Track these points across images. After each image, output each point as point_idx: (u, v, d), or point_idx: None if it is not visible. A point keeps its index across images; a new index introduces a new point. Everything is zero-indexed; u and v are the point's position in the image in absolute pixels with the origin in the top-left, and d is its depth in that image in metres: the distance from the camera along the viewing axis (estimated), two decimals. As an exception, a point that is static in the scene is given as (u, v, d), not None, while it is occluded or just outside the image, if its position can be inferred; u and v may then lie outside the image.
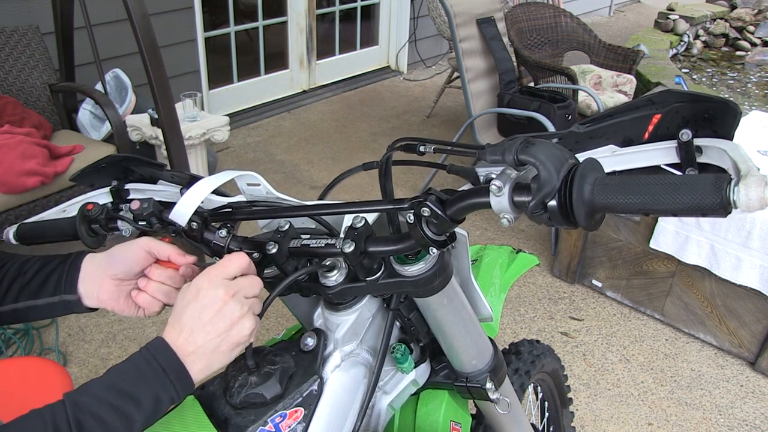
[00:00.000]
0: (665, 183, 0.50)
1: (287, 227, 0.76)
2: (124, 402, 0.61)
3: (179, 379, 0.65)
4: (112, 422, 0.60)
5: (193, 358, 0.66)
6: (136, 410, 0.61)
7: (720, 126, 0.61)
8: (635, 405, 2.09)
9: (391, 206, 0.67)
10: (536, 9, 3.58)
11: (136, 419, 0.61)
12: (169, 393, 0.64)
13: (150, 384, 0.63)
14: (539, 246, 2.94)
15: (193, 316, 0.67)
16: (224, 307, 0.67)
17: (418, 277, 0.70)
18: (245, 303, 0.68)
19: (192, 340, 0.66)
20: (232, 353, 0.68)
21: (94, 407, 0.60)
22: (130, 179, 0.92)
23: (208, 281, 0.68)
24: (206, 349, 0.66)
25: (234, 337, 0.67)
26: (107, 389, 0.62)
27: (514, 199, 0.57)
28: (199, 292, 0.68)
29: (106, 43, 3.03)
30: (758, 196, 0.46)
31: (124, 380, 0.62)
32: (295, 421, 0.72)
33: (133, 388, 0.62)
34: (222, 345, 0.67)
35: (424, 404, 0.98)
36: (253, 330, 0.69)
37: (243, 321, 0.67)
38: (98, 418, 0.59)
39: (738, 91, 4.96)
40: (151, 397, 0.62)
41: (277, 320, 2.41)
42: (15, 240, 0.92)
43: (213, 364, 0.67)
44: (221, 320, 0.66)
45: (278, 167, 3.60)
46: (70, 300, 0.85)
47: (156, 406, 0.63)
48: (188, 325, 0.67)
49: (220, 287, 0.67)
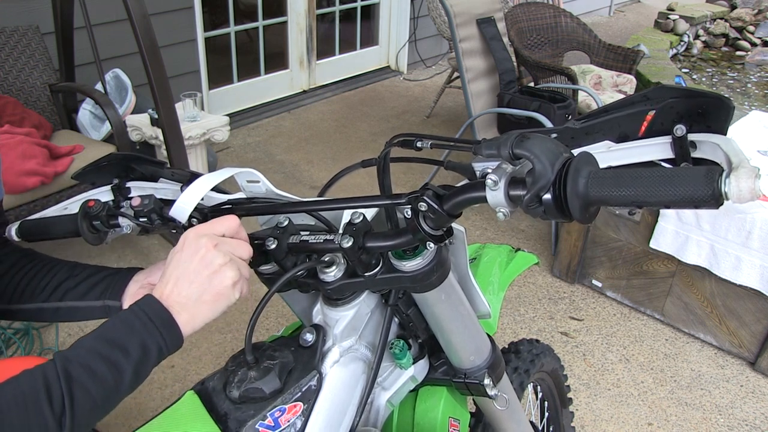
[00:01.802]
0: (658, 175, 0.51)
1: (286, 223, 0.77)
2: (111, 351, 0.62)
3: (165, 326, 0.66)
4: (100, 370, 0.61)
5: (178, 308, 0.67)
6: (123, 358, 0.62)
7: (714, 121, 0.62)
8: (635, 405, 2.09)
9: (389, 201, 0.68)
10: (536, 9, 3.58)
11: (124, 367, 0.62)
12: (156, 340, 0.65)
13: (137, 333, 0.64)
14: (539, 246, 2.94)
15: (177, 266, 0.69)
16: (206, 254, 0.68)
17: (416, 273, 0.71)
18: (228, 255, 0.69)
19: (177, 290, 0.68)
20: (215, 305, 0.69)
21: (82, 358, 0.61)
22: (131, 177, 0.93)
23: (194, 233, 0.70)
24: (190, 299, 0.67)
25: (216, 285, 0.68)
26: (94, 340, 0.63)
27: (510, 193, 0.58)
28: (184, 243, 0.70)
29: (106, 43, 3.04)
30: (749, 187, 0.47)
31: (111, 331, 0.64)
32: (294, 416, 0.73)
33: (120, 338, 0.63)
34: (204, 294, 0.68)
35: (422, 401, 0.98)
36: (236, 282, 0.69)
37: (224, 270, 0.68)
38: (86, 367, 0.60)
39: (738, 91, 4.96)
40: (139, 344, 0.63)
41: (277, 320, 2.41)
42: (17, 237, 0.93)
43: (197, 315, 0.68)
44: (203, 268, 0.68)
45: (278, 167, 3.60)
46: (112, 305, 0.88)
47: (144, 354, 0.64)
48: (173, 275, 0.68)
49: (203, 237, 0.69)
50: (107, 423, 1.94)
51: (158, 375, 2.13)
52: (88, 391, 0.60)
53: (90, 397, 0.60)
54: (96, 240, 0.87)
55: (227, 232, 0.72)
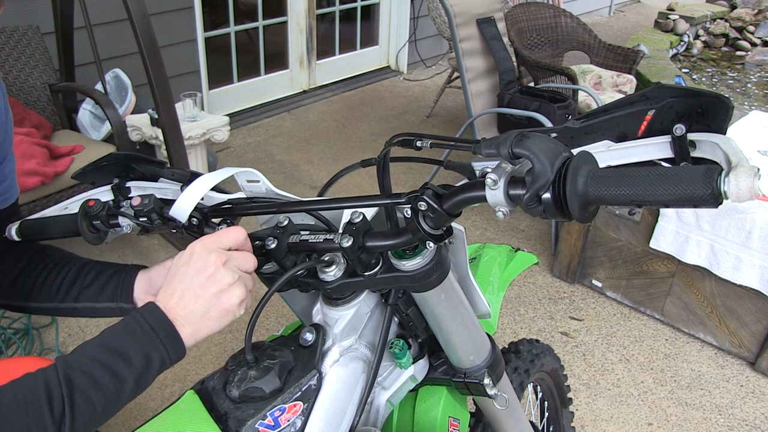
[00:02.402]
0: (657, 174, 0.51)
1: (286, 223, 0.77)
2: (114, 360, 0.62)
3: (169, 338, 0.65)
4: (102, 379, 0.60)
5: (183, 322, 0.67)
6: (126, 368, 0.62)
7: (713, 120, 0.62)
8: (635, 405, 2.09)
9: (389, 201, 0.68)
10: (536, 9, 3.58)
11: (126, 377, 0.62)
12: (159, 352, 0.64)
13: (140, 342, 0.64)
14: (539, 246, 2.94)
15: (184, 280, 0.68)
16: (216, 273, 0.68)
17: (416, 272, 0.71)
18: (236, 272, 0.69)
19: (182, 303, 0.67)
20: (220, 321, 0.69)
21: (84, 365, 0.61)
22: (131, 177, 0.93)
23: (201, 247, 0.69)
24: (195, 314, 0.67)
25: (224, 303, 0.68)
26: (97, 347, 0.63)
27: (510, 192, 0.58)
28: (192, 257, 0.69)
29: (106, 43, 3.04)
30: (747, 186, 0.47)
31: (114, 339, 0.63)
32: (294, 415, 0.73)
33: (123, 347, 0.63)
34: (211, 311, 0.68)
35: (422, 400, 0.98)
36: (243, 300, 0.69)
37: (233, 289, 0.68)
38: (88, 374, 0.60)
39: (738, 91, 4.96)
40: (142, 355, 0.63)
41: (277, 320, 2.41)
42: (17, 236, 0.92)
43: (201, 329, 0.68)
44: (212, 285, 0.67)
45: (278, 167, 3.60)
46: (127, 308, 0.89)
47: (146, 365, 0.63)
48: (179, 288, 0.68)
49: (212, 253, 0.69)
50: (107, 423, 1.94)
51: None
52: (89, 399, 0.60)
53: (90, 405, 0.60)
54: (96, 240, 0.87)
55: (234, 244, 0.71)
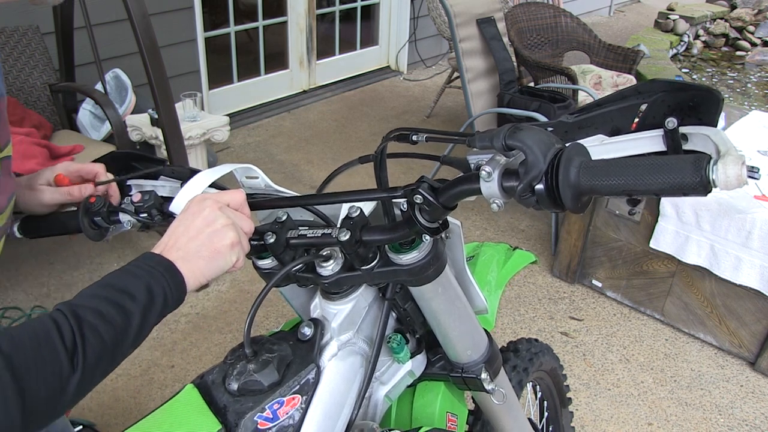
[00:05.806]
0: (648, 164, 0.51)
1: (285, 218, 0.77)
2: (117, 295, 0.62)
3: (168, 272, 0.66)
4: (108, 313, 0.61)
5: (180, 261, 0.68)
6: (130, 301, 0.62)
7: (704, 113, 0.63)
8: (635, 405, 2.09)
9: (386, 194, 0.68)
10: (536, 9, 3.59)
11: (132, 310, 0.62)
12: (161, 285, 0.65)
13: (140, 278, 0.64)
14: (539, 246, 2.94)
15: (178, 224, 0.71)
16: (209, 215, 0.70)
17: (413, 266, 0.71)
18: (230, 218, 0.71)
19: (177, 244, 0.69)
20: (212, 262, 0.70)
21: (89, 302, 0.61)
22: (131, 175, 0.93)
23: (199, 198, 0.73)
24: (189, 252, 0.69)
25: (215, 243, 0.69)
26: (99, 287, 0.63)
27: (504, 184, 0.58)
28: (189, 206, 0.72)
29: (106, 43, 3.05)
30: (735, 174, 0.48)
31: (114, 279, 0.65)
32: (292, 408, 0.73)
33: (125, 284, 0.64)
34: (203, 249, 0.69)
35: (420, 395, 0.99)
36: (234, 243, 0.71)
37: (225, 230, 0.70)
38: (94, 309, 0.60)
39: (738, 91, 4.96)
40: (144, 288, 0.64)
41: (277, 320, 2.42)
42: (19, 234, 0.93)
43: (196, 270, 0.69)
44: (205, 225, 0.70)
45: (278, 167, 3.61)
46: None
47: (150, 298, 0.64)
48: (175, 232, 0.71)
49: (207, 200, 0.72)
50: (107, 423, 1.95)
51: (158, 375, 2.13)
52: (98, 332, 0.59)
53: (100, 338, 0.59)
54: (97, 236, 0.88)
55: (232, 203, 0.74)
